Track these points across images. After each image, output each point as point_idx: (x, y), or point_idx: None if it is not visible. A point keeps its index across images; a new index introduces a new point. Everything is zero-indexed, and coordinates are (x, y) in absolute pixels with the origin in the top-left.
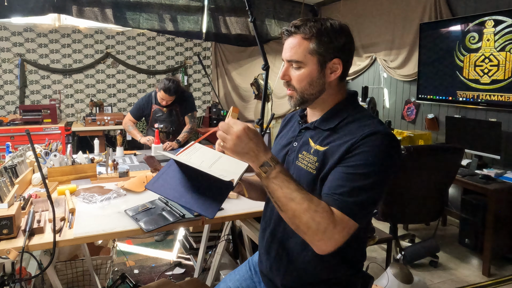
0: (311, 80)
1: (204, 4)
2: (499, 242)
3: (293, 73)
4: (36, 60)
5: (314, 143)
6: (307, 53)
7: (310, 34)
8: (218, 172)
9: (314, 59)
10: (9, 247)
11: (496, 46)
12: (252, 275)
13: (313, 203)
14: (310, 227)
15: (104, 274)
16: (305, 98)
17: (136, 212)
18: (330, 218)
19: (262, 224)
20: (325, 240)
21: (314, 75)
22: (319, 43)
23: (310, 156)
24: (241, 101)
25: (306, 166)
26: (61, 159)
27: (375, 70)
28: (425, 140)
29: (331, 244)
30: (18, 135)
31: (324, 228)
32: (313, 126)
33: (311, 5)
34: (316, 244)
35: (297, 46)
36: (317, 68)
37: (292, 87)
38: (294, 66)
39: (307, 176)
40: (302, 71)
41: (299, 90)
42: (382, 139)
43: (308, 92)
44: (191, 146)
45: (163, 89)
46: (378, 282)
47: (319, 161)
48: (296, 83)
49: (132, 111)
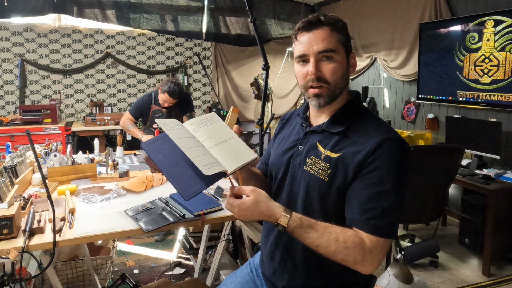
0: (343, 72)
1: (204, 4)
2: (499, 242)
3: (325, 66)
4: (36, 60)
5: (323, 148)
6: (338, 42)
7: (336, 25)
8: (211, 159)
9: (343, 50)
10: (9, 247)
11: (496, 46)
12: (254, 277)
13: (340, 241)
14: (348, 262)
15: (104, 274)
16: (336, 93)
17: (136, 212)
18: (363, 248)
19: (265, 229)
20: (367, 265)
21: (345, 67)
22: (343, 35)
23: (321, 162)
24: (241, 101)
25: (316, 172)
26: (61, 159)
27: (375, 70)
28: (425, 140)
29: (374, 265)
30: (18, 135)
31: (362, 259)
32: (321, 129)
33: (311, 5)
34: (360, 270)
35: (329, 36)
36: (346, 60)
37: (324, 81)
38: (326, 57)
39: (318, 183)
40: (336, 62)
41: (332, 84)
42: (395, 147)
43: (340, 85)
44: (208, 115)
45: (168, 92)
46: (378, 282)
47: (332, 168)
48: (331, 76)
49: (131, 110)
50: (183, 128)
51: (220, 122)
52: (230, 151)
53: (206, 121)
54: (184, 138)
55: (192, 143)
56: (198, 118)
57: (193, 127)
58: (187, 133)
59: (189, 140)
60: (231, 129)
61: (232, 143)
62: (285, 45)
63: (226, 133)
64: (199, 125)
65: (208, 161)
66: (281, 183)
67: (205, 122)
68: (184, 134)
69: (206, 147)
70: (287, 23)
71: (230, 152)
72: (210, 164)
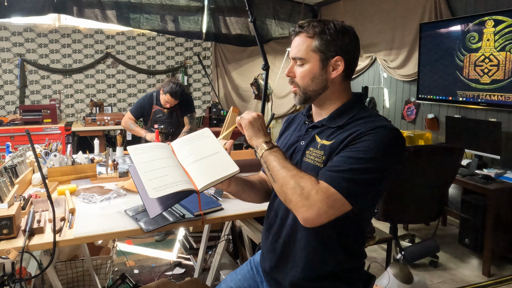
0: (313, 76)
1: (204, 4)
2: (499, 242)
3: (297, 70)
4: (36, 60)
5: (320, 139)
6: (309, 50)
7: (312, 32)
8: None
9: (317, 56)
10: (9, 247)
11: (496, 46)
12: (254, 274)
13: (301, 172)
14: (295, 192)
15: (104, 274)
16: (308, 95)
17: (136, 212)
18: (314, 184)
19: (266, 224)
20: (307, 207)
21: (316, 71)
22: (321, 41)
23: (317, 151)
24: (241, 101)
25: (313, 160)
26: (61, 159)
27: (375, 70)
28: (425, 140)
29: (314, 212)
30: (18, 135)
31: (307, 194)
32: (321, 124)
33: (311, 5)
34: (299, 211)
35: (301, 44)
36: (319, 65)
37: (295, 84)
38: (298, 63)
39: (315, 170)
40: (305, 67)
41: (302, 86)
42: (388, 132)
43: (310, 88)
44: (199, 131)
45: (170, 92)
46: (378, 282)
47: (326, 155)
48: (299, 79)
49: (133, 110)
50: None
51: (210, 138)
52: (208, 166)
53: (195, 139)
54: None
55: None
56: (188, 136)
57: (178, 146)
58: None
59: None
60: (220, 144)
61: (214, 159)
62: (285, 45)
63: (212, 149)
64: (185, 143)
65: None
66: None
67: (192, 139)
68: (155, 156)
69: (185, 164)
70: (287, 23)
71: (208, 168)
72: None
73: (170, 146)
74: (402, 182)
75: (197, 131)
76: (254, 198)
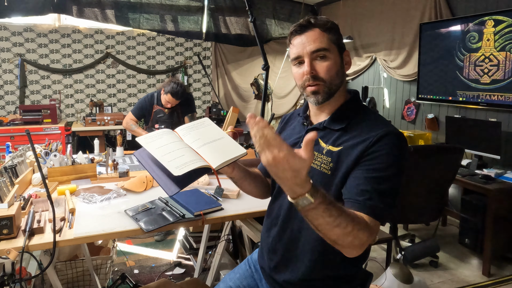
0: (337, 69)
1: (204, 4)
2: (499, 242)
3: (319, 65)
4: (36, 60)
5: (325, 143)
6: (330, 42)
7: (326, 26)
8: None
9: (336, 49)
10: (9, 247)
11: (496, 46)
12: (252, 273)
13: (355, 222)
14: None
15: (104, 274)
16: (332, 90)
17: (136, 212)
18: (369, 231)
19: (267, 223)
20: (361, 248)
21: (339, 64)
22: (335, 35)
23: (323, 157)
24: (241, 101)
25: (319, 166)
26: (61, 159)
27: (375, 70)
28: (425, 140)
29: (363, 249)
30: (18, 135)
31: (365, 241)
32: (322, 126)
33: (311, 5)
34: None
35: (320, 36)
36: (339, 58)
37: (320, 79)
38: (320, 56)
39: (321, 176)
40: (329, 61)
41: (328, 81)
42: (395, 140)
43: (335, 82)
44: (201, 120)
45: (171, 92)
46: (378, 282)
47: (334, 162)
48: (325, 73)
49: (134, 111)
50: (168, 135)
51: (212, 126)
52: (217, 149)
53: (197, 126)
54: (165, 145)
55: (173, 147)
56: (190, 123)
57: (183, 132)
58: (172, 139)
59: (171, 146)
60: (223, 130)
61: (221, 142)
62: (285, 45)
63: (216, 134)
64: (190, 129)
65: (185, 161)
66: None
67: (195, 126)
68: (167, 141)
69: (194, 148)
70: (287, 23)
71: (217, 150)
72: (185, 163)
73: (175, 132)
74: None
75: (197, 120)
76: (254, 189)
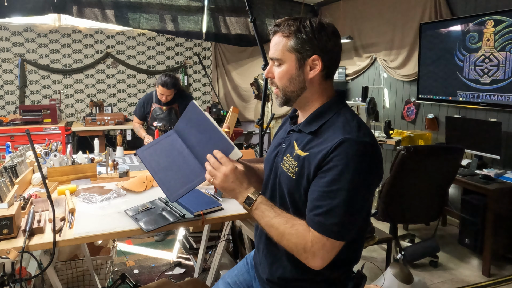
0: (290, 77)
1: (204, 4)
2: (499, 242)
3: (275, 71)
4: (36, 60)
5: (297, 147)
6: (285, 50)
7: (288, 31)
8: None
9: (293, 56)
10: (9, 247)
11: (496, 46)
12: (249, 269)
13: (288, 226)
14: (292, 249)
15: (104, 274)
16: (287, 96)
17: (136, 212)
18: (305, 239)
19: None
20: (309, 258)
21: (293, 72)
22: (297, 40)
23: (292, 160)
24: (241, 101)
25: (287, 170)
26: (61, 159)
27: (375, 70)
28: (425, 140)
29: (318, 261)
30: (18, 135)
31: (303, 248)
32: (298, 128)
33: (311, 5)
34: (304, 262)
35: (278, 44)
36: (295, 65)
37: (275, 85)
38: (276, 63)
39: (288, 180)
40: (282, 68)
41: (280, 88)
42: (352, 147)
43: (289, 89)
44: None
45: (161, 83)
46: (378, 282)
47: (299, 167)
48: (277, 80)
49: (136, 112)
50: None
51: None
52: None
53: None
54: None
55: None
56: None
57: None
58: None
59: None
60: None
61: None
62: None
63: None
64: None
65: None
66: (268, 179)
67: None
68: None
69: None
70: None
71: None
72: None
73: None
74: (402, 182)
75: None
76: (255, 185)
